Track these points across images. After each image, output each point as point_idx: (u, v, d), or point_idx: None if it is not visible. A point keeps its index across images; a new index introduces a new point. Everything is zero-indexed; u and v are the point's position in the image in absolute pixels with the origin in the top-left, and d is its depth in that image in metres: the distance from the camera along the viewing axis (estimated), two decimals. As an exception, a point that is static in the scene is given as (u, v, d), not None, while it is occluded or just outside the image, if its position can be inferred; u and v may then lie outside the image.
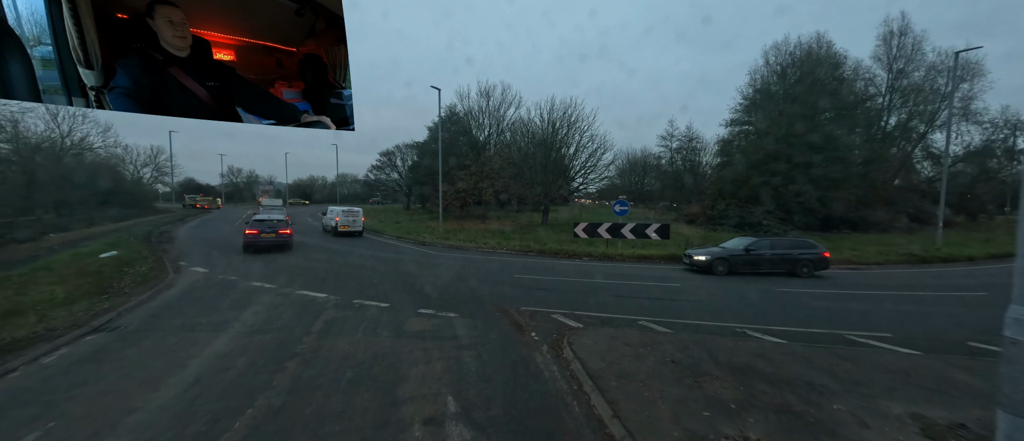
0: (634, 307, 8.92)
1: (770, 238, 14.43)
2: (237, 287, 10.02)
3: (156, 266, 12.56)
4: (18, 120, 29.46)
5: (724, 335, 7.00)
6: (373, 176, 50.04)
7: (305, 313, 7.89)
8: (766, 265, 13.09)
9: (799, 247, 13.45)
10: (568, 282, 11.55)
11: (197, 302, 8.64)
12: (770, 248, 13.33)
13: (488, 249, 18.47)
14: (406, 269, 13.08)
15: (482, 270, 13.24)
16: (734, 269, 13.03)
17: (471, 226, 28.13)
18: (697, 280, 12.22)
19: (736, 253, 13.29)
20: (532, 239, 21.19)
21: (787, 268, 12.98)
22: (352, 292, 9.65)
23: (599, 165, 30.32)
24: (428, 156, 36.56)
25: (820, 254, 13.12)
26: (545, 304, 8.92)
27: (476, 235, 23.04)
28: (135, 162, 60.35)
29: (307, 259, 14.63)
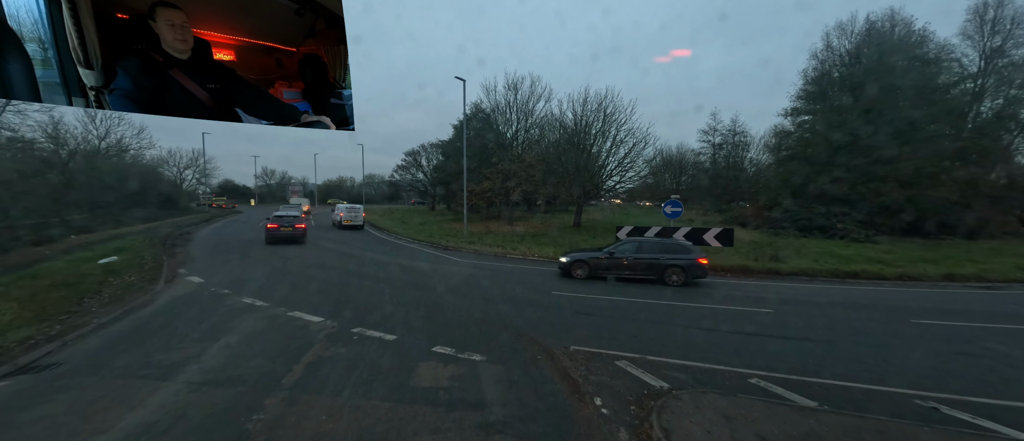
0: (726, 348, 6.52)
1: (638, 240, 12.38)
2: (223, 305, 8.39)
3: (149, 274, 11.25)
4: (59, 121, 30.25)
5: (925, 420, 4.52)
6: (398, 176, 49.06)
7: (287, 349, 6.03)
8: (628, 271, 11.42)
9: (670, 251, 11.31)
10: (622, 304, 9.23)
11: (164, 328, 6.99)
12: (635, 251, 11.54)
13: (518, 256, 16.34)
14: (424, 281, 11.15)
15: (513, 283, 11.11)
16: (595, 274, 11.59)
17: (498, 228, 26.11)
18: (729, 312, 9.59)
19: (598, 256, 11.75)
20: (568, 244, 18.87)
21: (656, 275, 11.20)
22: (354, 314, 7.77)
23: (639, 161, 27.51)
24: (453, 155, 34.95)
25: (694, 260, 10.96)
26: (601, 338, 6.68)
27: (504, 239, 20.98)
28: (178, 164, 63.13)
29: (318, 264, 13.04)
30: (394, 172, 49.90)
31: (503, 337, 6.72)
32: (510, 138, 31.53)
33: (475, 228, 25.98)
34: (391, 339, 6.50)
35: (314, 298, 9.00)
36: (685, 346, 6.56)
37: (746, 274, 13.08)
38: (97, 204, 27.61)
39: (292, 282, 10.67)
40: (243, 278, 11.19)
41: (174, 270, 12.15)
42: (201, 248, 16.85)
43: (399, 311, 8.13)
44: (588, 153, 27.07)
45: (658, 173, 53.55)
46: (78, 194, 26.71)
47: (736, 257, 14.88)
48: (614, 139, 26.82)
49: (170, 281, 10.71)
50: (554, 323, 7.54)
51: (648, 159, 28.26)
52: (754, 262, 13.95)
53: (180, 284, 10.42)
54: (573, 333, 7.00)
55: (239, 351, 5.96)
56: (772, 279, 12.55)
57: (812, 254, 16.17)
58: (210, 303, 8.51)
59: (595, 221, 33.05)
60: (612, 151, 26.90)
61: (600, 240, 21.01)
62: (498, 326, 7.29)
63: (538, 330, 7.10)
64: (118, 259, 12.74)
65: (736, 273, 13.16)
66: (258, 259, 14.37)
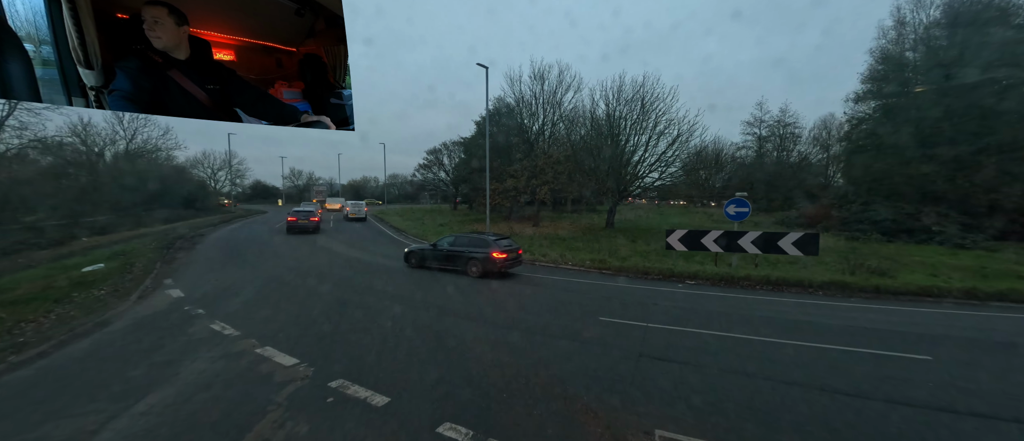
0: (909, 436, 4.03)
1: (468, 234, 12.94)
2: (185, 333, 6.62)
3: (128, 286, 9.78)
4: (88, 122, 30.49)
5: None
6: (420, 176, 47.65)
7: (227, 419, 4.07)
8: (441, 261, 12.25)
9: (474, 245, 11.87)
10: (700, 339, 6.80)
11: (87, 373, 5.22)
12: (450, 244, 12.32)
13: (549, 263, 14.07)
14: (436, 300, 9.11)
15: (546, 305, 8.88)
16: (422, 263, 12.64)
17: (523, 229, 23.88)
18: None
19: (425, 248, 12.95)
20: (604, 250, 16.41)
21: (460, 266, 11.83)
22: (341, 351, 5.78)
23: (683, 155, 24.48)
24: (475, 152, 32.94)
25: (488, 254, 11.33)
26: (693, 412, 4.34)
27: (531, 242, 18.74)
28: (212, 166, 64.86)
29: (321, 273, 11.27)
30: (416, 171, 48.51)
31: (542, 407, 4.50)
32: (536, 132, 29.11)
33: (498, 229, 23.89)
34: (380, 405, 4.42)
35: (298, 323, 7.09)
36: (814, 421, 4.13)
37: (843, 292, 10.26)
38: (121, 205, 27.46)
39: (283, 297, 8.88)
40: (231, 289, 9.52)
41: (160, 280, 10.68)
42: (204, 253, 15.57)
43: (400, 348, 6.06)
44: (623, 147, 24.38)
45: (691, 170, 49.77)
46: (99, 195, 26.61)
47: (822, 269, 12.01)
48: (653, 131, 24.00)
49: (146, 295, 9.17)
50: (616, 380, 5.25)
51: (695, 150, 25.07)
52: (850, 276, 11.08)
53: (154, 299, 8.84)
54: (644, 396, 4.69)
55: (158, 422, 4.04)
56: (882, 300, 9.70)
57: (920, 265, 13.02)
58: (170, 331, 6.76)
59: (628, 221, 30.23)
60: (651, 144, 24.08)
61: (642, 244, 18.37)
62: (532, 381, 5.08)
63: (592, 394, 4.84)
64: (104, 267, 11.44)
65: (830, 291, 10.35)
66: (258, 265, 12.82)
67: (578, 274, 12.37)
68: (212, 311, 7.84)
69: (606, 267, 13.00)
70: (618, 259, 14.02)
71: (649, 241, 19.46)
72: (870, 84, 25.79)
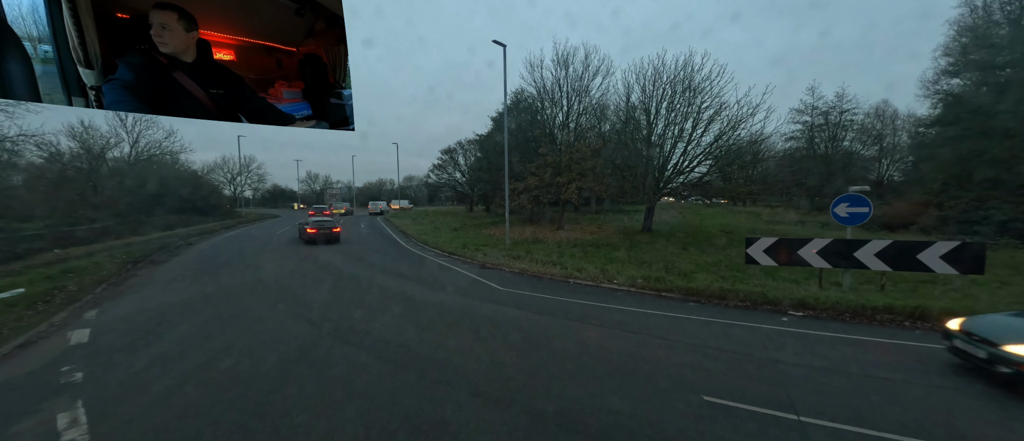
0: None
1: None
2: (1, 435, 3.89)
3: (27, 321, 7.24)
4: (89, 125, 29.09)
5: None
6: (434, 177, 45.04)
7: None
8: None
9: None
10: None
11: None
12: None
13: (589, 282, 10.87)
14: (448, 344, 6.14)
15: (605, 363, 5.78)
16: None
17: (547, 235, 20.71)
18: None
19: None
20: (657, 262, 13.04)
21: None
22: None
23: (735, 145, 20.72)
24: (491, 150, 29.93)
25: None
26: None
27: (559, 251, 15.59)
28: (231, 170, 64.38)
29: (296, 297, 8.50)
30: (430, 172, 45.88)
31: None
32: (560, 125, 25.78)
33: (518, 234, 20.86)
34: None
35: (222, 400, 4.25)
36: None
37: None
38: (119, 211, 25.85)
39: (223, 349, 6.08)
40: (160, 329, 6.83)
41: (82, 311, 8.15)
42: (170, 270, 13.12)
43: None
44: (664, 137, 20.89)
45: (733, 163, 45.08)
46: (98, 199, 25.05)
47: (1000, 294, 8.42)
48: (696, 118, 20.33)
49: (40, 337, 6.59)
50: None
51: (759, 137, 21.03)
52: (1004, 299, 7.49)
53: (44, 345, 6.24)
54: None
55: None
56: None
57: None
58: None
59: (666, 224, 26.32)
60: (696, 133, 20.40)
61: (696, 252, 14.82)
62: None
63: None
64: (24, 292, 9.02)
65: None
66: (224, 287, 10.17)
67: (632, 300, 9.17)
68: (98, 377, 5.11)
69: (667, 289, 9.74)
70: (680, 276, 10.73)
71: (704, 249, 15.98)
72: (951, 58, 21.36)
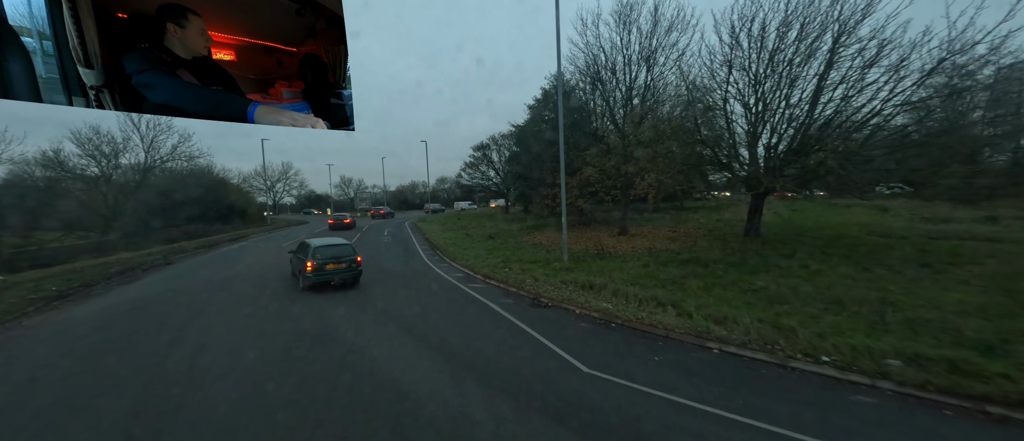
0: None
1: None
2: None
3: None
4: (98, 130, 27.31)
5: None
6: (466, 177, 40.84)
7: None
8: None
9: None
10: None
11: None
12: None
13: (749, 351, 5.98)
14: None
15: None
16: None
17: (612, 244, 15.66)
18: None
19: None
20: (845, 299, 7.61)
21: None
22: None
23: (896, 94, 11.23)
24: (528, 141, 24.58)
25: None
26: None
27: (646, 272, 10.65)
28: (269, 178, 64.01)
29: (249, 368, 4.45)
30: (461, 172, 41.72)
31: None
32: (621, 101, 19.74)
33: (572, 241, 16.05)
34: None
35: None
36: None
37: None
38: (126, 222, 23.74)
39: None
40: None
41: None
42: (117, 304, 9.61)
43: None
44: (794, 90, 12.90)
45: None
46: (103, 209, 22.99)
47: None
48: (829, 60, 11.95)
49: None
50: None
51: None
52: None
53: None
54: None
55: None
56: None
57: None
58: None
59: (769, 225, 17.59)
60: (838, 95, 12.12)
61: (897, 278, 8.19)
62: None
63: None
64: None
65: None
66: (165, 339, 6.30)
67: (896, 415, 4.25)
68: None
69: (979, 392, 4.65)
70: (951, 340, 5.58)
71: (889, 269, 9.65)
72: None
